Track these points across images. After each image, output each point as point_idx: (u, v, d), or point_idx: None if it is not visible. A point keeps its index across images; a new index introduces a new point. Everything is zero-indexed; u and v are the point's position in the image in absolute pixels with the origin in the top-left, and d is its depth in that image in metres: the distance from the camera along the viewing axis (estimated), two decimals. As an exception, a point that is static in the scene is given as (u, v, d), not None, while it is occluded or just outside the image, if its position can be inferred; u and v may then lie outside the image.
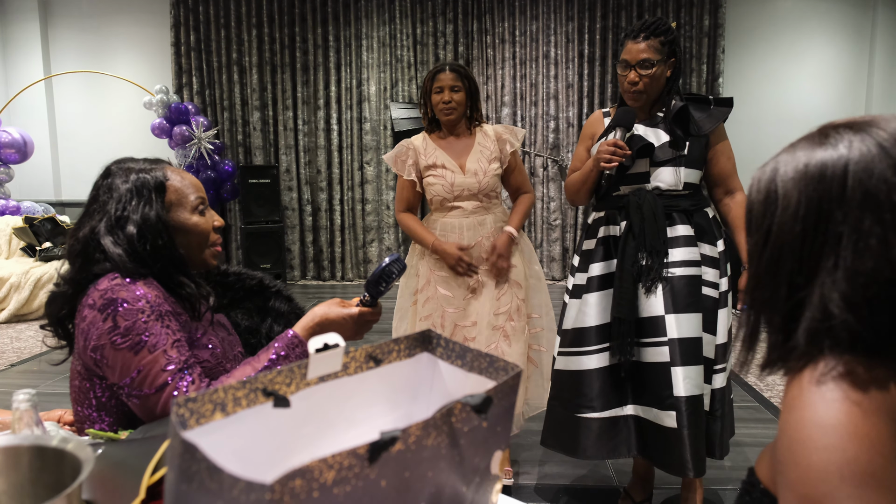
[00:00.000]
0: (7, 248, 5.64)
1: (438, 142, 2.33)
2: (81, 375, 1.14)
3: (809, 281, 0.67)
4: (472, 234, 2.27)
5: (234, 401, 0.57)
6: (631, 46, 1.87)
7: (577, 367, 1.92)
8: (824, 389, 0.61)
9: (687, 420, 1.75)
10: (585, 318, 1.91)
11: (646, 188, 1.88)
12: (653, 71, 1.84)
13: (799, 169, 0.69)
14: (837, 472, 0.57)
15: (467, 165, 2.27)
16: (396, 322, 2.46)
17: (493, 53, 6.38)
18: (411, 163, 2.32)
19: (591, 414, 1.88)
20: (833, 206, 0.65)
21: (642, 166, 1.88)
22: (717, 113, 1.88)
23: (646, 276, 1.82)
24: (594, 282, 1.92)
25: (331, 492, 0.46)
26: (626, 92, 1.91)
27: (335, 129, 6.52)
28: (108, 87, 6.66)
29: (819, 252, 0.66)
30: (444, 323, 2.29)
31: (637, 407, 1.87)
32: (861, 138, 0.66)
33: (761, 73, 6.28)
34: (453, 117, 2.27)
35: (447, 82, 2.24)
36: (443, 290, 2.29)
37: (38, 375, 3.66)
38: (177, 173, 1.22)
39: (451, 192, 2.26)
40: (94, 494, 0.76)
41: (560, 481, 2.32)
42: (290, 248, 6.65)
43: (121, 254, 1.11)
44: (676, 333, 1.79)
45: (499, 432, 0.62)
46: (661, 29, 1.85)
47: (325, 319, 1.15)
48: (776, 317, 0.71)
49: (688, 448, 1.74)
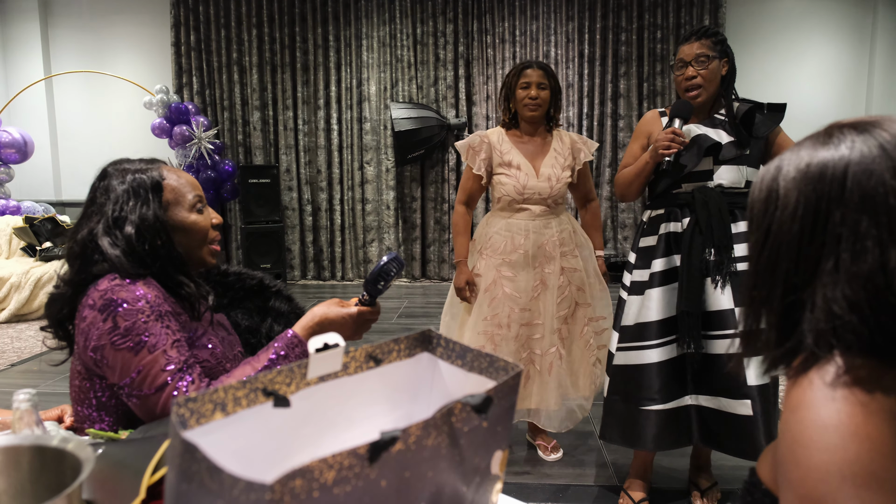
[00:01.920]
0: (7, 248, 5.64)
1: (515, 140, 2.33)
2: (81, 375, 1.14)
3: (807, 281, 0.67)
4: (536, 237, 2.28)
5: (234, 401, 0.57)
6: (685, 48, 1.95)
7: (640, 362, 1.96)
8: (826, 390, 0.61)
9: (761, 407, 1.82)
10: (648, 314, 1.96)
11: (708, 185, 1.94)
12: (709, 65, 1.91)
13: (801, 168, 0.68)
14: (838, 472, 0.57)
15: (542, 169, 2.28)
16: (448, 320, 2.47)
17: (493, 53, 6.38)
18: (483, 157, 2.31)
19: (654, 406, 1.94)
20: (832, 207, 0.65)
21: (706, 164, 1.94)
22: (772, 117, 1.96)
23: (715, 271, 1.88)
24: (656, 277, 1.97)
25: (331, 492, 0.46)
26: (684, 91, 1.97)
27: (335, 128, 6.52)
28: (109, 86, 6.66)
29: (818, 253, 0.66)
30: (511, 322, 2.29)
31: (701, 397, 1.94)
32: (864, 139, 0.66)
33: (761, 73, 6.28)
34: (538, 114, 2.28)
35: (535, 78, 2.25)
36: (510, 290, 2.29)
37: (38, 375, 3.66)
38: (173, 172, 1.22)
39: (521, 193, 2.27)
40: (94, 494, 0.76)
41: (560, 481, 2.32)
42: (290, 247, 6.65)
43: (118, 255, 1.11)
44: None
45: (499, 432, 0.62)
46: (711, 31, 1.95)
47: (325, 319, 1.15)
48: (772, 316, 0.71)
49: (762, 433, 1.81)
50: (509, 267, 2.28)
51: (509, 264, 2.28)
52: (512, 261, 2.29)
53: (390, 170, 6.47)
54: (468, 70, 6.40)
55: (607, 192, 6.36)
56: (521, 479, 2.35)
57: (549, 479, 2.34)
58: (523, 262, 2.28)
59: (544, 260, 2.28)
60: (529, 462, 2.48)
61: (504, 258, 2.28)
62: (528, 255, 2.28)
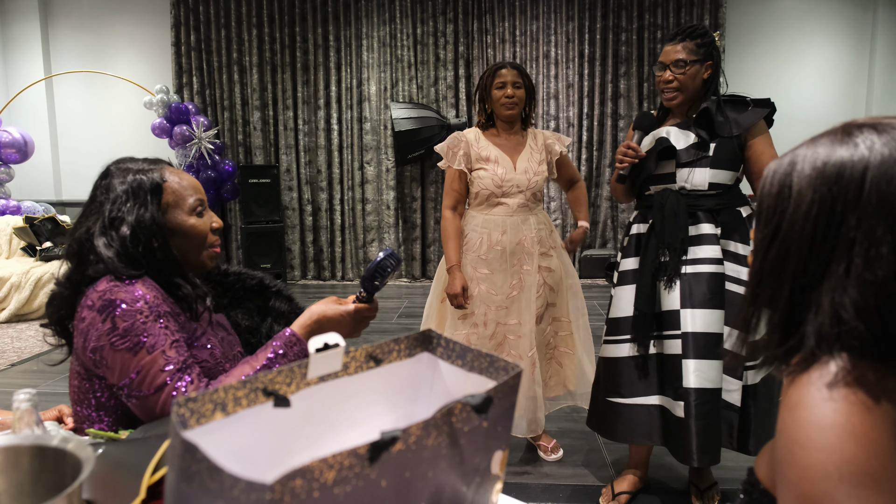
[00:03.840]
0: (7, 248, 5.64)
1: (491, 138, 2.37)
2: (81, 375, 1.14)
3: (815, 284, 0.65)
4: (514, 233, 2.30)
5: (234, 400, 0.57)
6: (667, 49, 1.95)
7: (613, 355, 2.03)
8: (825, 391, 0.61)
9: (695, 411, 1.81)
10: (618, 310, 2.03)
11: (672, 188, 1.96)
12: (686, 70, 1.91)
13: (817, 167, 0.66)
14: (836, 471, 0.57)
15: (518, 163, 2.32)
16: (424, 321, 2.51)
17: (493, 53, 6.38)
18: (462, 153, 2.34)
19: (619, 399, 2.00)
20: (847, 210, 0.63)
21: (669, 167, 1.96)
22: (753, 114, 1.93)
23: (663, 272, 1.92)
24: (626, 276, 2.04)
25: (331, 492, 0.46)
26: (661, 92, 1.99)
27: (335, 128, 6.52)
28: (109, 86, 6.66)
29: (829, 255, 0.64)
30: (487, 321, 2.31)
31: (660, 397, 1.96)
32: (885, 141, 0.64)
33: (761, 73, 6.27)
34: (514, 112, 2.32)
35: (510, 78, 2.29)
36: (486, 288, 2.31)
37: (38, 375, 3.66)
38: (175, 174, 1.22)
39: (500, 186, 2.30)
40: (94, 494, 0.76)
41: (560, 481, 2.32)
42: (291, 247, 6.65)
43: (111, 257, 1.11)
44: (691, 328, 1.86)
45: (499, 432, 0.62)
46: (698, 32, 1.94)
47: (323, 317, 1.15)
48: (776, 315, 0.70)
49: (693, 438, 1.81)
50: (486, 264, 2.30)
51: (486, 262, 2.30)
52: (489, 258, 2.30)
53: (390, 170, 6.46)
54: (468, 70, 6.40)
55: (607, 191, 6.36)
56: (521, 479, 2.35)
57: (549, 479, 2.34)
58: (500, 259, 2.30)
59: (523, 257, 2.29)
60: (529, 462, 2.48)
61: (480, 255, 2.30)
62: (506, 253, 2.29)
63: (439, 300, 2.43)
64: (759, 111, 1.93)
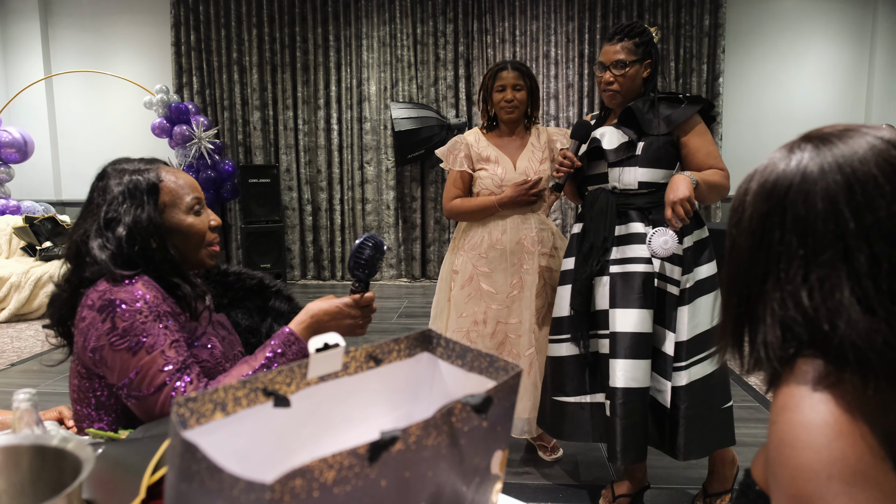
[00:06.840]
0: (7, 248, 5.64)
1: (493, 140, 2.36)
2: (81, 375, 1.14)
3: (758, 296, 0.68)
4: (514, 233, 2.30)
5: (234, 400, 0.57)
6: (607, 48, 1.95)
7: (556, 354, 2.05)
8: (811, 391, 0.62)
9: (620, 410, 1.83)
10: (560, 309, 2.05)
11: (605, 188, 1.97)
12: (626, 71, 1.91)
13: (761, 181, 0.69)
14: (825, 470, 0.58)
15: (518, 163, 2.31)
16: (432, 320, 2.49)
17: (493, 53, 6.38)
18: (463, 155, 2.34)
19: (563, 398, 2.02)
20: (774, 225, 0.66)
21: (602, 167, 1.97)
22: (684, 110, 1.90)
23: (588, 271, 1.95)
24: (565, 276, 2.07)
25: (331, 491, 0.46)
26: (602, 93, 1.99)
27: (335, 128, 6.52)
28: (109, 86, 6.66)
29: (765, 270, 0.67)
30: (487, 319, 2.31)
31: (602, 395, 1.98)
32: (813, 156, 0.66)
33: (761, 73, 6.27)
34: (515, 116, 2.29)
35: (510, 80, 2.26)
36: (486, 286, 2.31)
37: (38, 375, 3.66)
38: (172, 174, 1.22)
39: (499, 186, 2.29)
40: (94, 494, 0.76)
41: (560, 481, 2.32)
42: (290, 247, 6.65)
43: (106, 259, 1.10)
44: (618, 327, 1.86)
45: (499, 432, 0.62)
46: (636, 31, 1.92)
47: (319, 311, 1.15)
48: (728, 324, 0.73)
49: (618, 437, 1.82)
50: (486, 262, 2.30)
51: (486, 260, 2.30)
52: (489, 257, 2.30)
53: (390, 170, 6.47)
54: (468, 70, 6.40)
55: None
56: (521, 479, 2.35)
57: (549, 479, 2.34)
58: (500, 258, 2.30)
59: (523, 257, 2.29)
60: (529, 462, 2.48)
61: (480, 254, 2.30)
62: (506, 252, 2.29)
63: (446, 298, 2.43)
64: (690, 108, 1.90)
